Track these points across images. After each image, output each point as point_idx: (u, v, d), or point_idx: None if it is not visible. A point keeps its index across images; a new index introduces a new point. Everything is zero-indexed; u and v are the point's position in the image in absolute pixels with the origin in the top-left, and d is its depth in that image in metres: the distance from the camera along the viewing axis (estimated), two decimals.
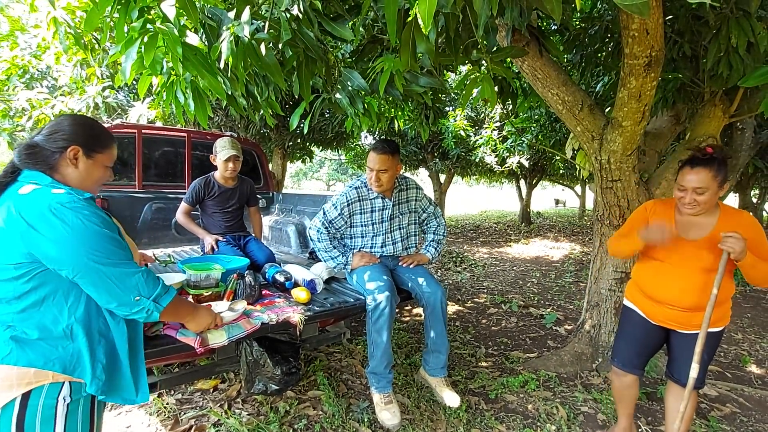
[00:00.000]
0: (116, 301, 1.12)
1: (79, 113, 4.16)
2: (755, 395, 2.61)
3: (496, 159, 8.34)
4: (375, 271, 2.21)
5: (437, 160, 9.79)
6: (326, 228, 2.30)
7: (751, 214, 1.72)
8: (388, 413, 2.01)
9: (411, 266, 2.40)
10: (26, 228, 1.03)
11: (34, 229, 1.03)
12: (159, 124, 4.59)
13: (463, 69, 4.69)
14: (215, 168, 2.84)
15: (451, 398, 2.14)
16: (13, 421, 1.03)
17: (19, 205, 1.05)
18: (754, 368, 3.03)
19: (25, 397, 1.04)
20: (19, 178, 1.13)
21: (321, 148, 8.49)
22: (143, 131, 3.51)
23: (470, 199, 27.44)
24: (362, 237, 2.38)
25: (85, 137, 1.20)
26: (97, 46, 3.59)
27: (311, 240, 2.36)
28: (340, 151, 9.88)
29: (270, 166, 6.40)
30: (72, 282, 1.10)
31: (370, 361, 2.10)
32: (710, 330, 1.72)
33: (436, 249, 2.53)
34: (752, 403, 2.53)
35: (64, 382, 1.09)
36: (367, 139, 9.60)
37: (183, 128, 3.98)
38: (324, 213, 2.32)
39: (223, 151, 2.73)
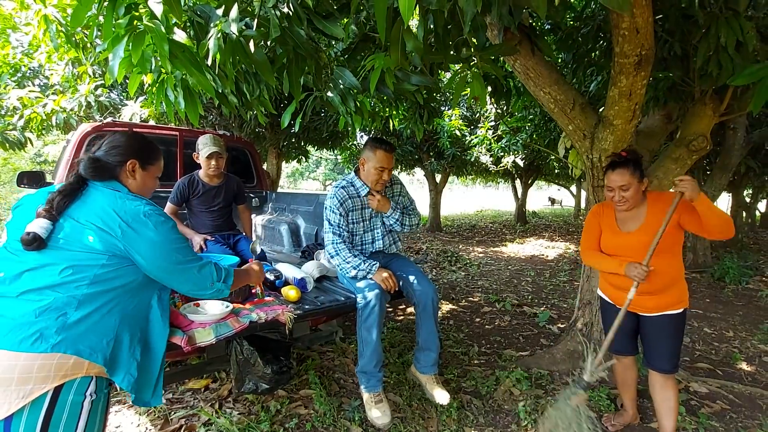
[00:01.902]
0: (195, 287, 1.34)
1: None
2: (745, 392, 2.63)
3: (491, 158, 8.36)
4: None
5: (433, 159, 9.80)
6: (339, 236, 2.24)
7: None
8: (378, 412, 2.01)
9: (373, 205, 2.31)
10: (126, 227, 1.17)
11: (132, 229, 1.18)
12: (152, 122, 4.56)
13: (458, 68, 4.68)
14: (200, 167, 2.81)
15: (441, 396, 2.14)
16: (40, 416, 1.01)
17: (118, 208, 1.19)
18: (744, 365, 3.05)
19: (57, 390, 1.04)
20: (97, 185, 1.25)
21: (316, 147, 8.46)
22: (134, 130, 3.49)
23: (467, 199, 27.50)
24: (353, 235, 2.37)
25: (140, 151, 1.35)
26: (89, 44, 3.57)
27: (331, 256, 2.27)
28: (335, 151, 9.85)
29: (265, 165, 6.39)
30: (143, 279, 1.24)
31: (359, 360, 2.10)
32: (670, 312, 1.89)
33: (400, 212, 2.39)
34: (742, 399, 2.54)
35: (92, 377, 1.11)
36: (362, 139, 9.56)
37: (175, 127, 3.96)
38: (330, 224, 2.26)
39: (204, 149, 2.70)
